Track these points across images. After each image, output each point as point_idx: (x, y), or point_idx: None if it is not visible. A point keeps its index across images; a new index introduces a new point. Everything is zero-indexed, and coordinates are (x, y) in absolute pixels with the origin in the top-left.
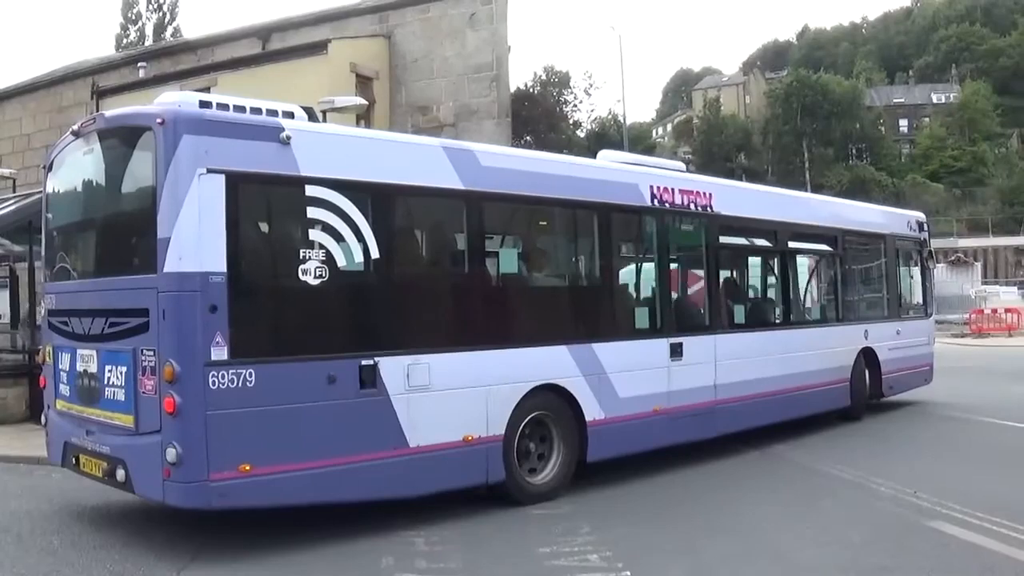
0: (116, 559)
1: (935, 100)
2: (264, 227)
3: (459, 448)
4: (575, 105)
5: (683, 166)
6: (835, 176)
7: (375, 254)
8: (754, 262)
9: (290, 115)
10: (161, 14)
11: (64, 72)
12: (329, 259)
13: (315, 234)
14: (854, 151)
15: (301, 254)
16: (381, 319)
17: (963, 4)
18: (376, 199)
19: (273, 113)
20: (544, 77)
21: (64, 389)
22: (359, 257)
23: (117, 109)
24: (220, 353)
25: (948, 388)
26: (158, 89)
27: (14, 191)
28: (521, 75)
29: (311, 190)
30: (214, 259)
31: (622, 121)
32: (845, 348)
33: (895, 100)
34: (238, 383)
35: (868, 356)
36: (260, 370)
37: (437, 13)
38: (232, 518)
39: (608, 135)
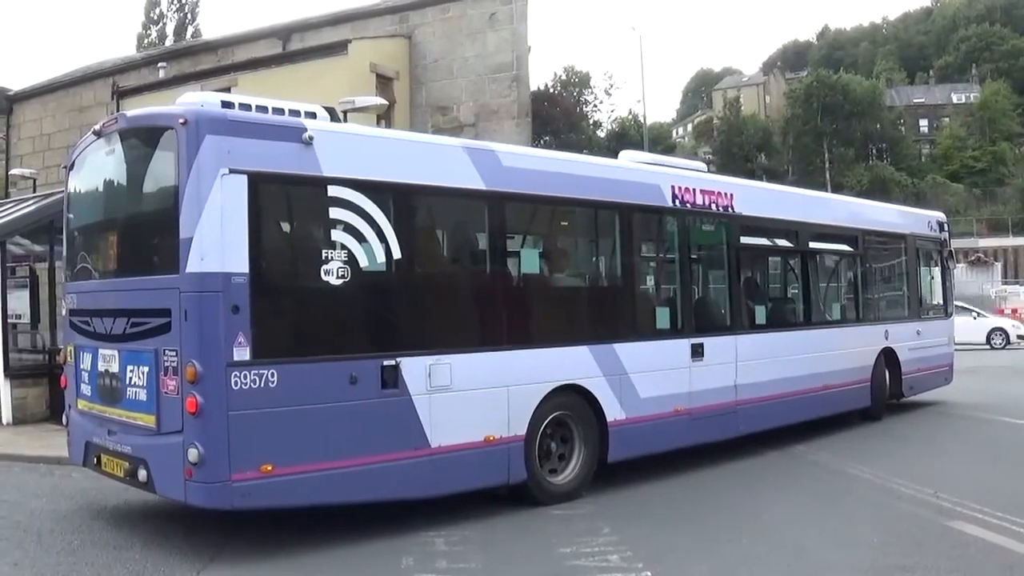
0: (136, 559)
1: (955, 100)
2: (286, 227)
3: (481, 448)
4: (595, 105)
5: (704, 166)
6: (855, 176)
7: (397, 254)
8: (775, 262)
9: (312, 115)
10: (183, 14)
11: (84, 72)
12: (351, 259)
13: (337, 234)
14: (874, 151)
15: (323, 254)
16: (403, 319)
17: (983, 4)
18: (398, 199)
19: (295, 113)
20: (564, 77)
21: (86, 389)
22: (381, 257)
23: (139, 109)
24: (242, 353)
25: (967, 388)
26: (178, 89)
27: (34, 191)
28: (541, 75)
29: (333, 190)
30: (236, 259)
31: (642, 121)
32: (866, 348)
33: (915, 100)
34: (260, 383)
35: (888, 356)
36: (282, 370)
37: (457, 13)
38: (251, 518)
39: (628, 135)
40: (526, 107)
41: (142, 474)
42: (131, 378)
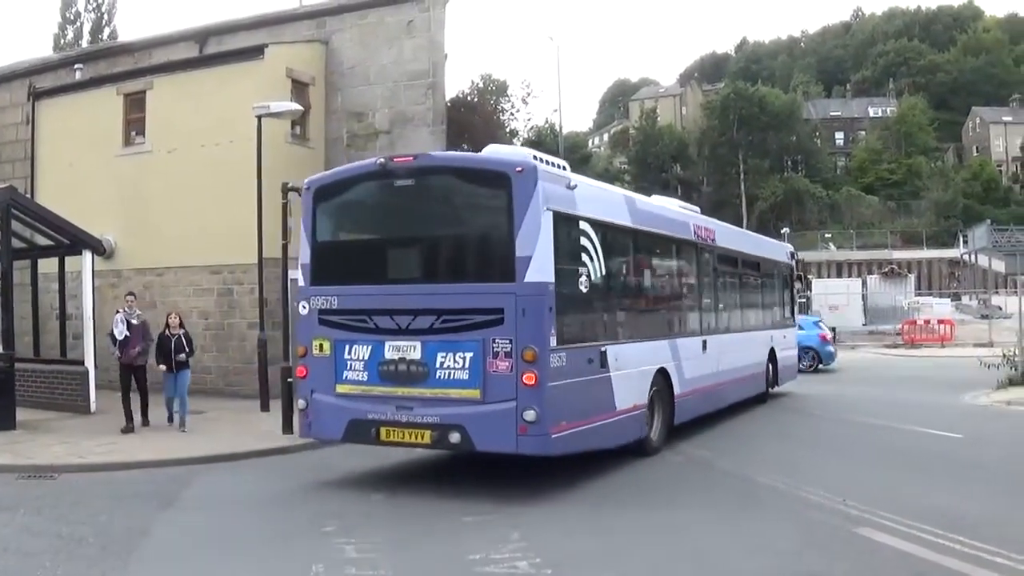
0: (46, 566)
1: (872, 114)
2: (564, 249)
3: (631, 413)
4: (512, 114)
5: (698, 208)
6: (770, 188)
7: (603, 271)
8: (729, 281)
9: (565, 168)
10: (99, 14)
11: (0, 73)
12: (588, 274)
13: (583, 255)
14: (789, 163)
15: (578, 270)
16: (605, 317)
17: (902, 20)
18: (602, 231)
19: (558, 166)
20: (481, 85)
21: (356, 375)
22: (598, 273)
23: (447, 152)
24: (553, 341)
25: (876, 396)
26: (95, 91)
27: None
28: (459, 83)
29: (581, 224)
30: (549, 273)
31: (559, 130)
32: (764, 347)
33: (832, 113)
34: (560, 363)
35: (771, 354)
36: (567, 353)
37: (374, 19)
38: (169, 527)
39: (545, 144)
40: (441, 115)
41: (454, 437)
42: (443, 362)
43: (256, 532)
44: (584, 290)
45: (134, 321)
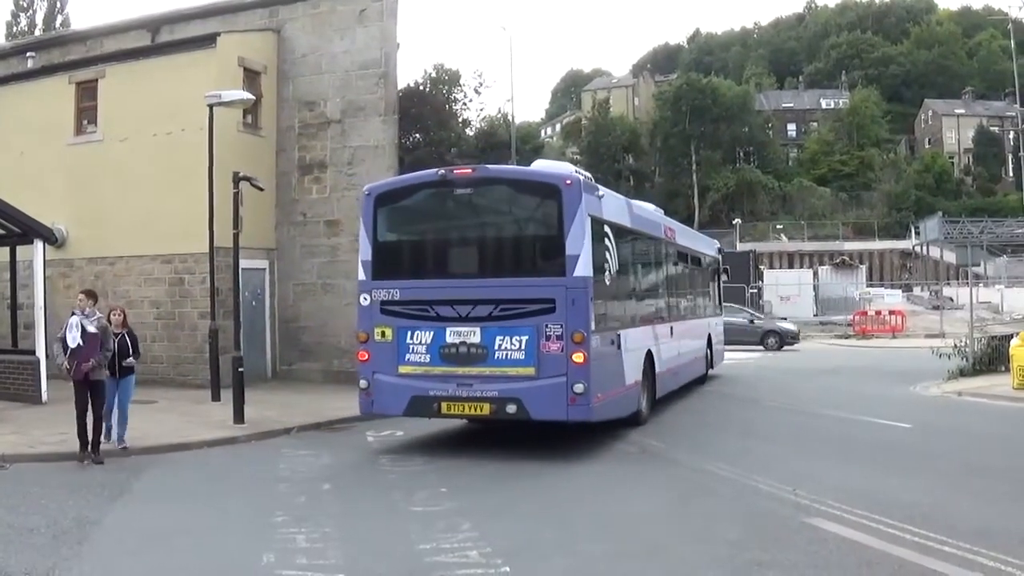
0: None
1: (824, 106)
2: (596, 248)
3: (633, 388)
4: (465, 103)
5: (662, 211)
6: (722, 179)
7: (617, 266)
8: (684, 274)
9: (590, 178)
10: (52, 2)
11: None
12: (609, 269)
13: (607, 253)
14: (741, 154)
15: (604, 266)
16: (618, 306)
17: (855, 12)
18: (616, 232)
19: (589, 177)
20: (434, 75)
21: (417, 357)
22: (614, 268)
23: (501, 166)
24: (592, 326)
25: (826, 387)
26: (46, 80)
27: None
28: (411, 72)
29: (606, 227)
30: (590, 268)
31: (511, 120)
32: (706, 333)
33: (784, 105)
34: (596, 344)
35: (708, 339)
36: (599, 336)
37: (327, 8)
38: (120, 517)
39: (497, 134)
40: (393, 104)
41: (511, 408)
42: (500, 344)
43: (207, 521)
44: (607, 283)
45: (90, 328)
